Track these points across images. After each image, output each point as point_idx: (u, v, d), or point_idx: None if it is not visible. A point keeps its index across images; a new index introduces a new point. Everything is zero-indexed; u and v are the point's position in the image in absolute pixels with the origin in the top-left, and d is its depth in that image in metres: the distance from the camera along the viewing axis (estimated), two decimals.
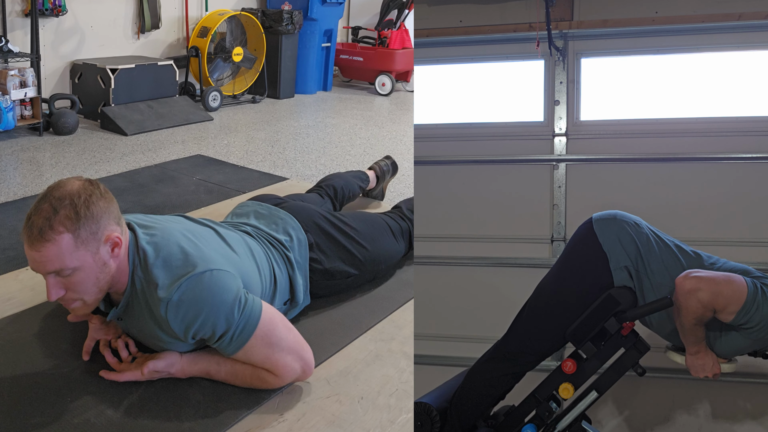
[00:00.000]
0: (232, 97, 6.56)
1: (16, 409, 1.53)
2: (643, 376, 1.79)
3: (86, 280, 1.51)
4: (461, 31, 2.83)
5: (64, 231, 1.44)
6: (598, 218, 1.84)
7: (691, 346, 1.76)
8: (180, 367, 1.65)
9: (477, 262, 2.80)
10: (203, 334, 1.57)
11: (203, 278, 1.55)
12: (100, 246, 1.50)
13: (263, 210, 2.11)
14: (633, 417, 2.63)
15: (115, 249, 1.54)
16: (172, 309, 1.53)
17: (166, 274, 1.56)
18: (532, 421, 1.85)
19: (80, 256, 1.47)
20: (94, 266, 1.50)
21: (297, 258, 1.98)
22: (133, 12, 5.98)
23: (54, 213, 1.43)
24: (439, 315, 2.80)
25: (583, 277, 1.81)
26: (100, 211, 1.50)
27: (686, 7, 2.58)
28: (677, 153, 2.61)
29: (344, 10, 7.83)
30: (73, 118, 5.10)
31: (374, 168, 3.13)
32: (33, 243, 1.44)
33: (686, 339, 1.75)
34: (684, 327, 1.72)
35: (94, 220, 1.48)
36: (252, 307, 1.60)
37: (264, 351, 1.61)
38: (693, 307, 1.66)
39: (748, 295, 1.64)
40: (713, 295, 1.65)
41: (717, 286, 1.66)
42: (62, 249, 1.44)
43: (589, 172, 2.71)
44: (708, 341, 1.76)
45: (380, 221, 2.33)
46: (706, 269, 1.73)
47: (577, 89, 2.76)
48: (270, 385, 1.65)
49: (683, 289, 1.68)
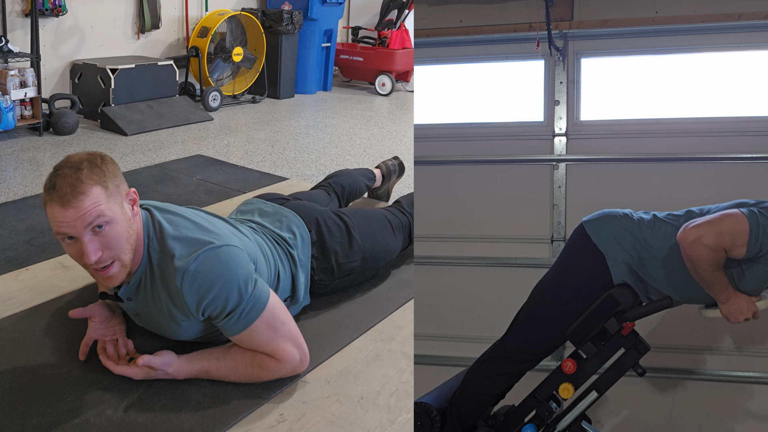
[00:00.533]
0: (232, 97, 6.56)
1: (16, 409, 1.52)
2: (643, 376, 1.79)
3: (121, 234, 1.53)
4: (461, 31, 2.83)
5: (93, 183, 1.48)
6: (588, 220, 1.85)
7: (719, 295, 1.72)
8: (177, 367, 1.64)
9: (477, 262, 2.80)
10: (214, 308, 1.57)
11: (221, 251, 1.58)
12: (123, 201, 1.56)
13: (268, 208, 2.12)
14: (633, 417, 2.63)
15: (134, 206, 1.59)
16: (188, 279, 1.55)
17: (183, 246, 1.59)
18: (532, 421, 1.86)
19: (112, 207, 1.51)
20: (123, 219, 1.53)
21: (300, 256, 1.99)
22: (133, 12, 5.99)
23: (79, 171, 1.47)
24: (439, 315, 2.80)
25: (581, 277, 1.81)
26: (115, 170, 1.56)
27: (686, 7, 2.58)
28: (677, 153, 2.61)
29: (344, 10, 7.83)
30: (73, 118, 5.10)
31: (381, 167, 3.13)
32: (67, 201, 1.45)
33: (712, 290, 1.72)
34: (704, 279, 1.70)
35: (114, 175, 1.54)
36: (261, 289, 1.62)
37: (267, 334, 1.62)
38: (703, 254, 1.64)
39: (750, 224, 1.64)
40: (717, 235, 1.64)
41: (717, 226, 1.65)
42: (97, 198, 1.48)
43: (589, 172, 2.71)
44: (734, 284, 1.73)
45: (381, 217, 2.33)
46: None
47: (577, 89, 2.76)
48: (270, 372, 1.65)
49: (687, 241, 1.66)
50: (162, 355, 1.64)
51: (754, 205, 1.70)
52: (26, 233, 3.07)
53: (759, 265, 1.70)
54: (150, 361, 1.61)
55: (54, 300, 2.02)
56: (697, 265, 1.67)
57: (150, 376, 1.64)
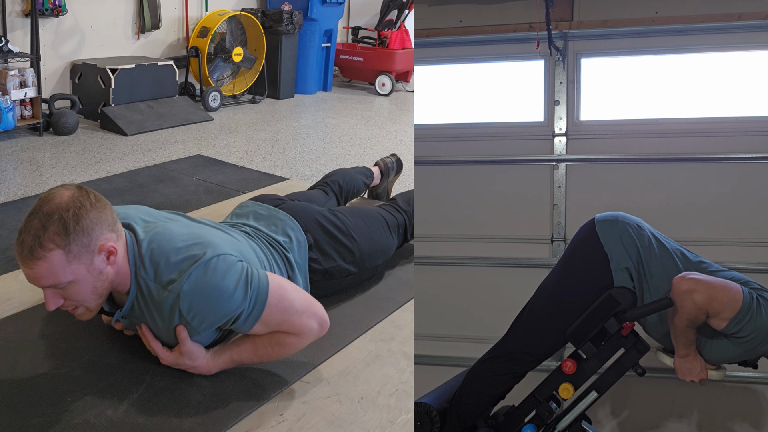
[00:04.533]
0: (232, 97, 6.56)
1: (16, 409, 1.52)
2: (643, 376, 1.79)
3: (83, 291, 1.52)
4: (461, 31, 2.83)
5: (54, 248, 1.44)
6: (601, 219, 1.84)
7: (681, 349, 1.76)
8: (206, 361, 1.66)
9: (477, 262, 2.80)
10: (219, 320, 1.58)
11: (209, 265, 1.57)
12: (93, 257, 1.51)
13: (263, 211, 2.11)
14: (633, 417, 2.63)
15: (110, 257, 1.54)
16: (184, 299, 1.54)
17: (172, 268, 1.57)
18: (532, 421, 1.85)
19: (73, 270, 1.48)
20: (89, 277, 1.51)
21: (296, 259, 1.98)
22: (133, 12, 5.99)
23: (43, 230, 1.43)
24: (439, 315, 2.80)
25: (584, 277, 1.81)
26: (91, 223, 1.49)
27: (686, 7, 2.58)
28: (677, 153, 2.60)
29: (344, 10, 7.83)
30: (73, 118, 5.10)
31: (379, 164, 3.12)
32: (25, 261, 1.45)
33: (677, 341, 1.76)
34: (676, 328, 1.72)
35: (85, 234, 1.48)
36: (258, 279, 1.61)
37: (280, 316, 1.63)
38: (687, 307, 1.66)
39: (743, 304, 1.64)
40: (709, 298, 1.65)
41: (713, 290, 1.66)
42: (54, 265, 1.45)
43: (589, 172, 2.71)
44: (698, 346, 1.76)
45: (376, 215, 2.33)
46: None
47: (577, 89, 2.76)
48: (291, 347, 1.67)
49: (680, 289, 1.68)
50: (195, 344, 1.64)
51: (757, 290, 1.70)
52: None
53: (728, 341, 1.71)
54: (185, 338, 1.60)
55: None
56: (678, 315, 1.69)
57: (177, 364, 1.65)
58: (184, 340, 1.61)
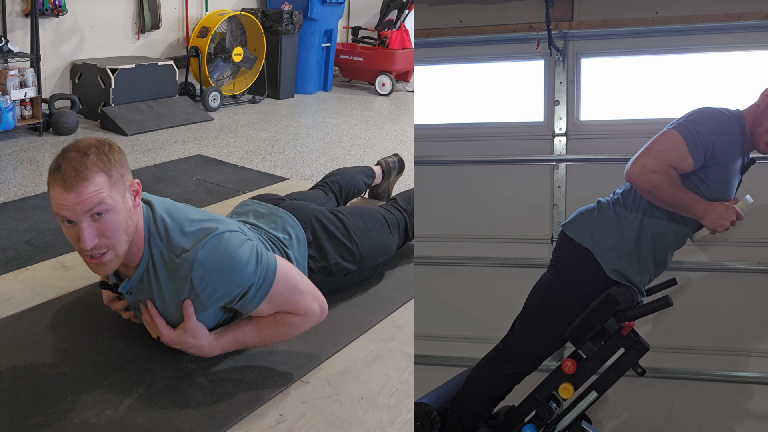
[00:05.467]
0: (232, 97, 6.56)
1: (16, 409, 1.52)
2: (643, 376, 1.79)
3: (119, 224, 1.53)
4: (461, 31, 2.83)
5: (98, 171, 1.49)
6: (566, 224, 1.88)
7: (695, 211, 1.72)
8: (209, 341, 1.67)
9: (477, 262, 2.80)
10: (227, 298, 1.61)
11: (224, 237, 1.60)
12: (126, 191, 1.56)
13: (263, 209, 2.12)
14: (633, 417, 2.63)
15: (136, 198, 1.60)
16: (197, 267, 1.57)
17: (188, 238, 1.60)
18: (532, 421, 1.86)
19: (113, 196, 1.51)
20: (124, 210, 1.54)
21: (296, 256, 1.99)
22: (133, 12, 5.99)
23: (86, 157, 1.49)
24: (439, 315, 2.80)
25: (575, 276, 1.81)
26: (121, 160, 1.57)
27: (686, 7, 2.58)
28: None
29: (344, 10, 7.83)
30: (73, 118, 5.10)
31: (381, 163, 3.12)
32: (70, 184, 1.46)
33: (686, 210, 1.72)
34: (672, 203, 1.70)
35: (120, 165, 1.55)
36: (268, 258, 1.65)
37: (286, 295, 1.67)
38: (655, 181, 1.65)
39: (682, 133, 1.66)
40: (657, 156, 1.66)
41: (654, 149, 1.67)
42: (100, 186, 1.48)
43: (589, 172, 2.71)
44: (703, 197, 1.72)
45: (376, 215, 2.33)
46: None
47: (577, 89, 2.76)
48: (295, 327, 1.70)
49: (634, 176, 1.68)
50: (200, 323, 1.65)
51: (679, 119, 1.72)
52: (26, 233, 3.07)
53: (712, 168, 1.70)
54: (191, 313, 1.61)
55: (54, 300, 2.02)
56: (656, 193, 1.67)
57: (180, 342, 1.65)
58: (189, 316, 1.62)
